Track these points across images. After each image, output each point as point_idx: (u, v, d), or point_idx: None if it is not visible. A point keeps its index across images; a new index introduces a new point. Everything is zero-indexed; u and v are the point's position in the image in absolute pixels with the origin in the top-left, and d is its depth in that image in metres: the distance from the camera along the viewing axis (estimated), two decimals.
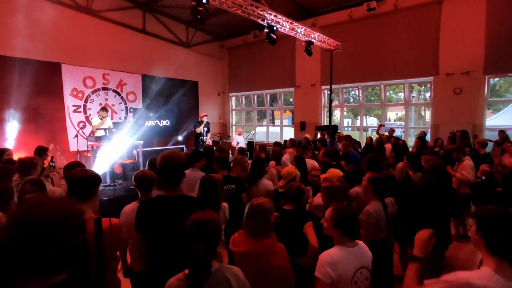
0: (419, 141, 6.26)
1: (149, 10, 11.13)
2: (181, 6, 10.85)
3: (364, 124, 11.93)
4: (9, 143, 7.46)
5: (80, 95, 9.01)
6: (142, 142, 7.20)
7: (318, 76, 11.24)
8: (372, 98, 19.28)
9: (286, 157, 4.91)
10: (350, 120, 28.18)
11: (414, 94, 18.71)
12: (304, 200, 2.56)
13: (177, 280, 1.56)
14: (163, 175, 2.23)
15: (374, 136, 8.59)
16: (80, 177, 2.02)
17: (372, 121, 24.60)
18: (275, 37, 6.79)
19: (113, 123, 7.44)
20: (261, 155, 4.21)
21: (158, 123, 8.39)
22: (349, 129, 21.73)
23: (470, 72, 8.38)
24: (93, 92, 9.30)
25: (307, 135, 7.72)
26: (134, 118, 8.09)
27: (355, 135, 10.86)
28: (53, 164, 5.18)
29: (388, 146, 7.07)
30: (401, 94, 29.34)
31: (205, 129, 8.34)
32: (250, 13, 6.38)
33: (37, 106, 8.03)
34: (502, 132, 7.07)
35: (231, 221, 3.05)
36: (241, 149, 5.41)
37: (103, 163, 6.16)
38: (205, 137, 8.33)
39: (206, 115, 8.42)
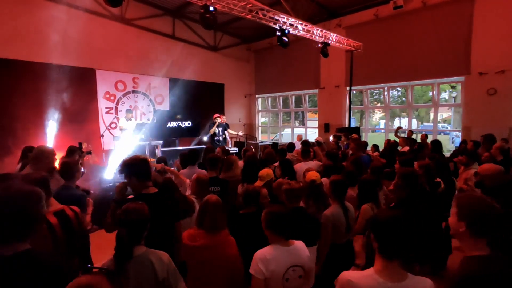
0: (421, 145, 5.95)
1: (178, 16, 11.69)
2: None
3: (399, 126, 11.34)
4: (49, 144, 8.31)
5: (112, 98, 9.78)
6: (161, 142, 7.65)
7: (343, 77, 11.03)
8: (400, 99, 18.39)
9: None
10: (385, 121, 26.98)
11: (455, 94, 17.50)
12: (260, 203, 2.58)
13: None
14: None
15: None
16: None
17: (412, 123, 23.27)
18: (286, 40, 6.85)
19: (136, 124, 8.00)
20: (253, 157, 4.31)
21: (180, 124, 8.82)
22: (385, 131, 20.80)
23: (506, 71, 7.71)
24: (124, 95, 10.04)
25: (306, 139, 7.74)
26: (158, 119, 8.60)
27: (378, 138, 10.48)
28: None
29: (405, 150, 6.84)
30: (445, 94, 27.43)
31: (220, 129, 8.63)
32: (261, 17, 6.51)
33: (74, 109, 8.85)
34: None
35: None
36: (245, 149, 5.55)
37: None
38: (221, 137, 8.62)
39: (219, 116, 8.70)
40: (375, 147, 7.29)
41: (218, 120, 8.61)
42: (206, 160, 3.95)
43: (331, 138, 7.92)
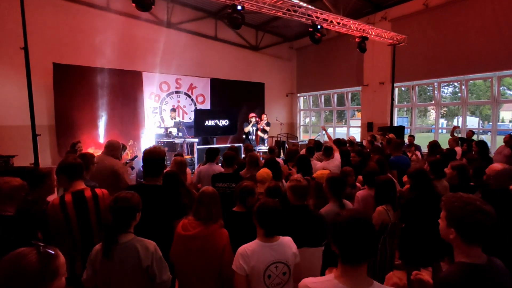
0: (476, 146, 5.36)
1: (220, 17, 12.00)
2: (250, 12, 11.39)
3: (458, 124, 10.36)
4: (101, 140, 9.15)
5: (156, 98, 10.41)
6: (197, 140, 7.96)
7: (388, 73, 10.38)
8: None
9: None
10: (445, 121, 24.78)
11: None
12: (252, 201, 2.52)
13: (99, 245, 1.94)
14: (145, 167, 2.67)
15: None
16: (70, 163, 2.59)
17: (473, 122, 21.08)
18: (319, 35, 6.65)
19: (174, 122, 8.41)
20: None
21: (218, 122, 9.08)
22: (444, 131, 19.20)
23: None
24: (167, 95, 10.64)
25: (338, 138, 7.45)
26: (196, 118, 8.94)
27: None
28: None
29: (457, 150, 6.29)
30: None
31: (254, 128, 8.76)
32: (292, 13, 6.41)
33: (123, 109, 9.60)
34: None
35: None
36: (270, 148, 5.53)
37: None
38: (253, 136, 8.77)
39: (254, 116, 8.83)
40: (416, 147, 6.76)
41: (253, 120, 8.78)
42: (223, 157, 4.02)
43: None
